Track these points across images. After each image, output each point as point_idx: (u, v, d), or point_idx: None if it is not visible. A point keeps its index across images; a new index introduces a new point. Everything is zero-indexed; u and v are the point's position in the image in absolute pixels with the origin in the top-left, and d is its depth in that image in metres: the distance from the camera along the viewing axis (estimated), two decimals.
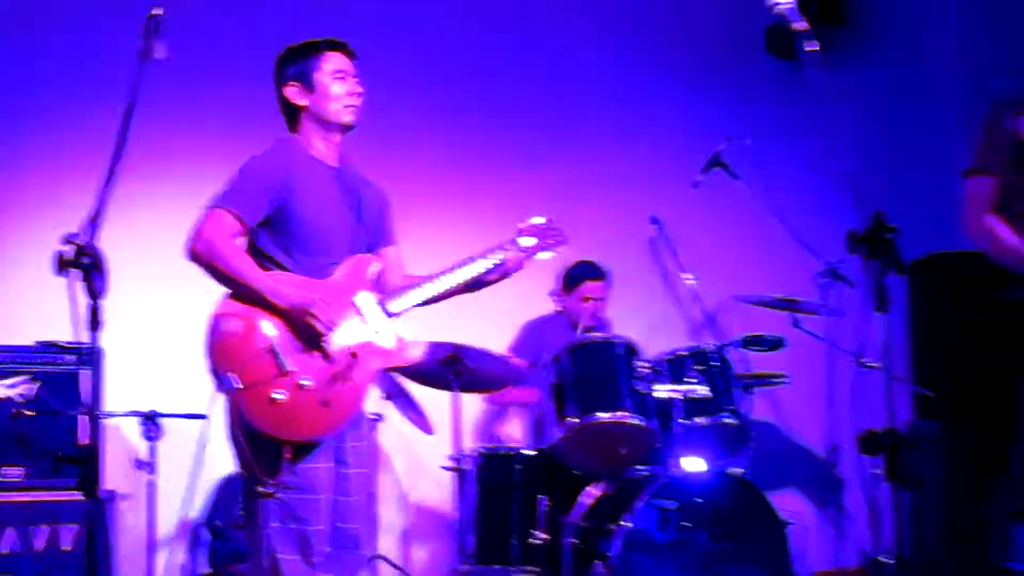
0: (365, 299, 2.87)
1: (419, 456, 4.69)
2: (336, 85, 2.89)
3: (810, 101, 2.35)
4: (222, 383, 2.64)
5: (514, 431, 4.89)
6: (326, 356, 2.74)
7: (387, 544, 4.62)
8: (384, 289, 2.98)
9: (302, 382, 2.67)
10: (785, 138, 4.90)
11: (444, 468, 4.27)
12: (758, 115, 5.19)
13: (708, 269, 4.99)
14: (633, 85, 5.43)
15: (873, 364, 3.39)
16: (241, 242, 2.81)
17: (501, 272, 3.06)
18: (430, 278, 2.97)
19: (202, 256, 2.71)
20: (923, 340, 5.24)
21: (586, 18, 5.43)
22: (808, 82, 2.34)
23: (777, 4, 2.45)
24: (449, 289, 3.01)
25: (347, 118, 2.90)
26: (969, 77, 5.49)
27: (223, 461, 4.20)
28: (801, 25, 2.40)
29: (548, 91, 5.32)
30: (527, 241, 3.10)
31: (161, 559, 4.18)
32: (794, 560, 3.85)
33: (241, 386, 2.61)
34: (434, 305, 3.06)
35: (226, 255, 2.71)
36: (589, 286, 4.62)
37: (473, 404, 4.58)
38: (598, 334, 4.26)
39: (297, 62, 2.91)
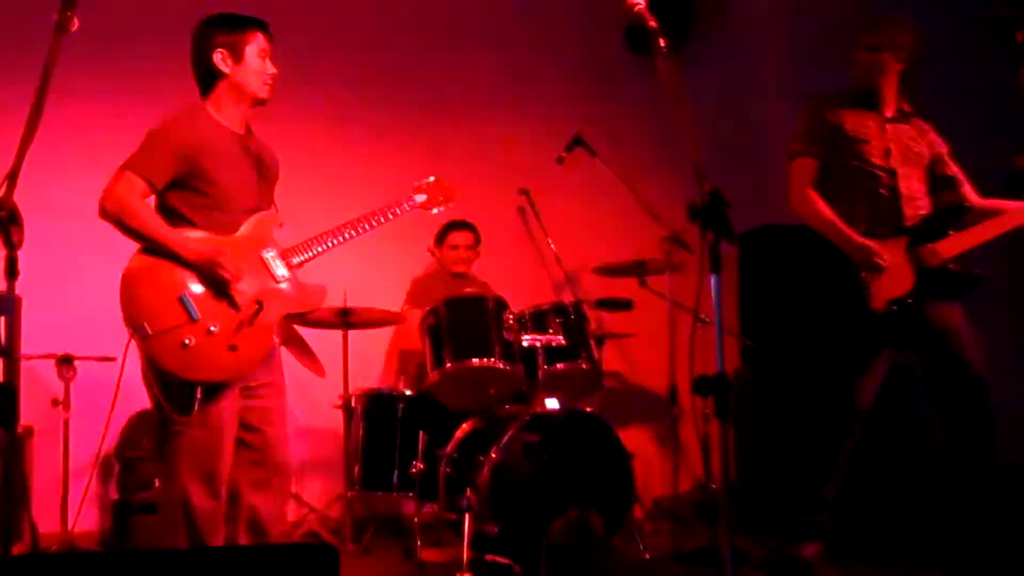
0: (270, 252, 2.87)
1: (312, 396, 4.70)
2: (259, 62, 2.87)
3: (660, 90, 2.43)
4: (135, 331, 2.62)
5: (397, 374, 4.95)
6: (233, 304, 2.73)
7: None
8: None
9: (211, 328, 2.67)
10: (638, 122, 4.99)
11: (334, 407, 4.32)
12: (616, 102, 5.27)
13: (569, 234, 5.07)
14: (510, 73, 5.43)
15: (707, 319, 3.53)
16: (151, 201, 2.77)
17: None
18: (333, 233, 2.97)
19: (112, 214, 2.69)
20: (749, 299, 5.48)
21: (471, 13, 5.41)
22: (659, 74, 2.36)
23: (635, 5, 2.52)
24: (347, 240, 3.01)
25: (263, 93, 2.90)
26: (792, 74, 5.74)
27: (133, 399, 4.18)
28: (654, 25, 2.44)
29: (438, 76, 5.30)
30: (420, 197, 3.16)
31: (75, 489, 4.12)
32: (637, 486, 3.99)
33: (152, 333, 2.61)
34: (332, 258, 3.06)
35: (135, 213, 2.69)
36: (454, 236, 4.71)
37: (361, 350, 4.60)
38: (472, 290, 4.31)
39: (229, 32, 2.85)
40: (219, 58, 2.84)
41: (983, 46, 3.32)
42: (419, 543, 4.00)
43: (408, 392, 4.25)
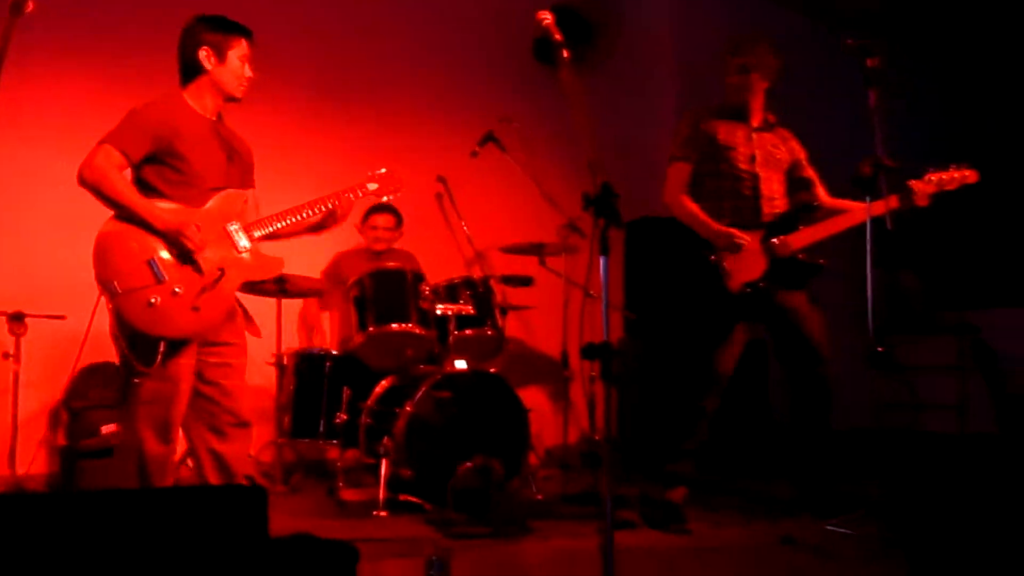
0: (233, 225, 2.82)
1: (248, 354, 4.58)
2: (239, 66, 2.85)
3: (563, 95, 2.42)
4: (105, 288, 2.59)
5: (324, 335, 4.88)
6: (198, 270, 2.70)
7: None
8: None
9: (175, 290, 2.64)
10: (543, 122, 4.99)
11: (268, 363, 4.23)
12: (524, 103, 5.27)
13: (479, 218, 5.04)
14: (431, 76, 5.39)
15: (596, 295, 3.55)
16: (127, 173, 2.72)
17: (332, 220, 3.05)
18: (292, 211, 2.93)
19: (90, 182, 2.64)
20: (633, 279, 5.55)
21: (397, 19, 5.34)
22: (562, 81, 2.36)
23: (543, 20, 2.50)
24: (304, 220, 2.97)
25: (238, 93, 2.88)
26: (677, 83, 5.81)
27: (81, 354, 4.01)
28: (559, 38, 2.44)
29: (370, 76, 5.22)
30: (372, 185, 3.10)
31: (24, 437, 3.93)
32: (532, 437, 3.98)
33: (121, 291, 2.58)
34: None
35: (111, 182, 2.64)
36: (376, 218, 4.67)
37: (293, 312, 4.51)
38: (393, 263, 4.27)
39: (216, 33, 2.81)
40: (203, 55, 2.81)
41: (844, 70, 3.40)
42: (341, 485, 3.98)
43: (334, 352, 4.18)
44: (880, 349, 3.05)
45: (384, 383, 3.99)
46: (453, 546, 2.88)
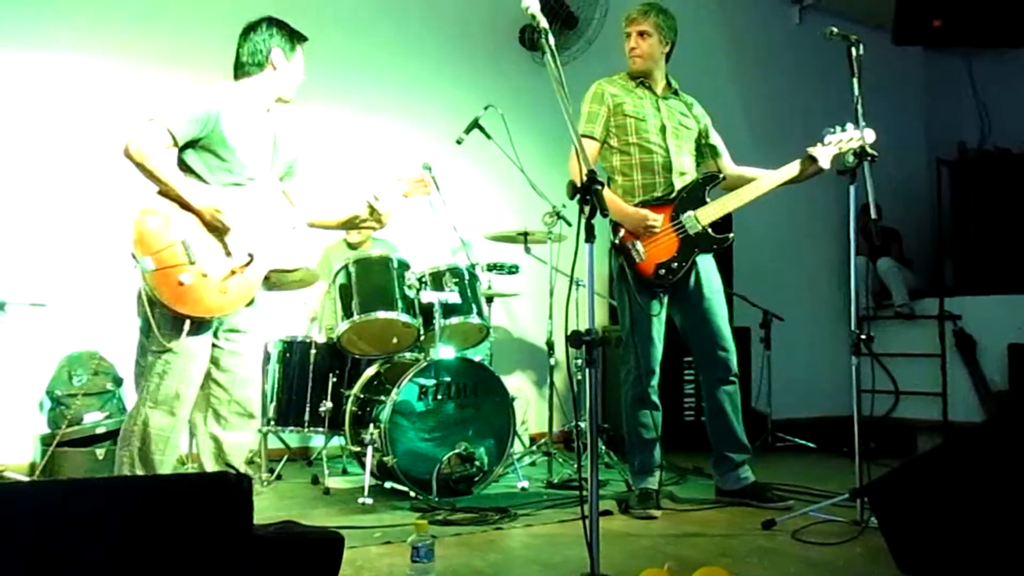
0: (268, 214, 2.88)
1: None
2: (300, 70, 3.00)
3: (548, 81, 2.41)
4: (140, 263, 2.63)
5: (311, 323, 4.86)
6: (228, 253, 2.76)
7: None
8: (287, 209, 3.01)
9: (205, 271, 2.69)
10: (528, 109, 5.00)
11: None
12: (510, 90, 5.29)
13: (466, 206, 5.06)
14: (417, 63, 5.39)
15: (582, 282, 3.55)
16: (171, 151, 2.75)
17: (376, 220, 3.12)
18: (326, 206, 3.05)
19: (135, 156, 2.66)
20: None
21: (382, 6, 5.34)
22: (547, 66, 2.35)
23: (528, 8, 2.49)
24: (336, 219, 3.11)
25: (291, 95, 3.01)
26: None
27: (64, 341, 3.98)
28: (544, 25, 2.43)
29: (354, 62, 5.20)
30: (400, 188, 3.17)
31: (6, 424, 3.91)
32: (518, 424, 3.98)
33: (154, 268, 2.62)
34: None
35: (154, 157, 2.67)
36: None
37: (278, 302, 4.48)
38: (378, 251, 4.24)
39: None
40: (276, 55, 2.92)
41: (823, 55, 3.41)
42: (327, 472, 3.96)
43: (320, 340, 4.17)
44: (862, 336, 3.07)
45: (369, 371, 3.99)
46: (438, 533, 2.89)
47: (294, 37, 2.99)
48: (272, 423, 4.10)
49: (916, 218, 7.15)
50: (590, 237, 2.20)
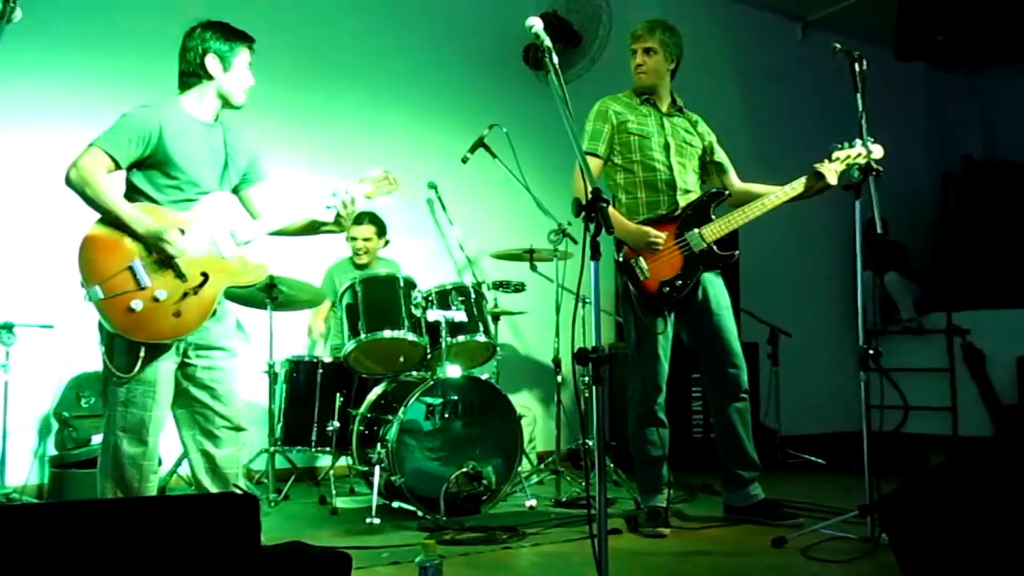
0: (220, 230, 2.80)
1: (241, 362, 4.57)
2: (246, 74, 2.85)
3: (552, 100, 2.42)
4: (89, 293, 2.56)
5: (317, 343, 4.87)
6: (180, 275, 2.68)
7: None
8: (251, 217, 2.94)
9: (157, 295, 2.61)
10: (533, 128, 5.01)
11: (261, 372, 4.21)
12: (515, 109, 5.30)
13: (471, 224, 5.07)
14: (422, 83, 5.42)
15: (588, 300, 3.53)
16: (113, 175, 2.68)
17: (336, 222, 2.98)
18: (277, 220, 2.92)
19: (75, 183, 2.61)
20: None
21: (388, 28, 5.38)
22: (551, 86, 2.36)
23: (532, 27, 2.50)
24: (292, 226, 2.97)
25: (242, 99, 2.87)
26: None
27: (71, 363, 3.99)
28: (548, 44, 2.44)
29: (356, 84, 5.24)
30: (363, 189, 3.01)
31: (15, 446, 3.92)
32: (525, 442, 3.98)
33: (104, 296, 2.55)
34: (262, 243, 2.98)
35: (95, 184, 2.60)
36: (355, 229, 4.64)
37: (285, 321, 4.49)
38: (384, 271, 4.26)
39: (223, 41, 2.80)
40: (210, 62, 2.78)
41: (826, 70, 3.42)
42: (334, 492, 3.95)
43: (326, 359, 4.18)
44: (870, 351, 3.06)
45: (376, 390, 3.98)
46: (446, 553, 2.88)
47: (233, 38, 2.82)
48: (279, 443, 4.10)
49: (922, 232, 7.14)
50: (595, 255, 2.19)
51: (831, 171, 3.34)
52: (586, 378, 4.17)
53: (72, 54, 4.44)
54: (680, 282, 3.35)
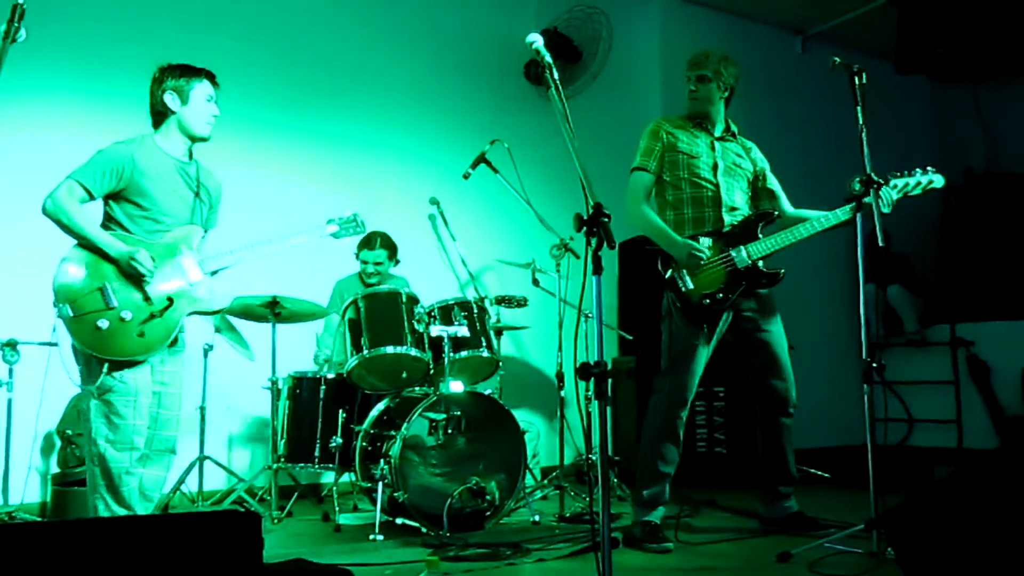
0: (188, 258, 2.97)
1: (244, 378, 4.57)
2: (204, 105, 3.00)
3: (552, 115, 2.43)
4: (60, 311, 2.76)
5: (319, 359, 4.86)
6: (147, 298, 2.85)
7: (216, 448, 4.49)
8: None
9: (123, 316, 2.79)
10: (535, 143, 5.03)
11: (264, 388, 4.21)
12: (516, 125, 5.32)
13: (473, 240, 5.07)
14: (424, 99, 5.45)
15: (590, 314, 3.53)
16: (88, 205, 2.87)
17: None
18: (247, 249, 3.08)
19: (51, 212, 2.83)
20: (626, 298, 5.55)
21: (390, 44, 5.40)
22: (551, 101, 2.38)
23: (533, 43, 2.52)
24: (258, 256, 3.11)
25: (204, 131, 3.03)
26: (666, 100, 5.87)
27: (74, 380, 3.97)
28: (548, 60, 2.46)
29: (359, 101, 5.27)
30: (331, 228, 3.31)
31: (17, 464, 3.92)
32: (529, 457, 3.99)
33: (73, 315, 2.75)
34: (266, 261, 3.20)
35: (69, 212, 2.81)
36: (366, 254, 4.65)
37: (288, 338, 4.49)
38: (387, 286, 4.27)
39: (179, 77, 2.98)
40: (169, 99, 2.97)
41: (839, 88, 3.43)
42: (337, 509, 3.94)
43: (329, 375, 4.17)
44: (874, 364, 3.05)
45: (379, 406, 3.97)
46: (450, 569, 2.86)
47: (188, 74, 3.00)
48: (282, 459, 4.09)
49: (925, 244, 7.13)
50: (597, 269, 2.19)
51: (886, 199, 3.30)
52: (589, 393, 4.16)
53: (78, 76, 4.47)
54: (721, 295, 3.36)
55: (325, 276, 4.78)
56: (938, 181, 3.36)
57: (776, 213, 3.54)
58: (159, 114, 3.00)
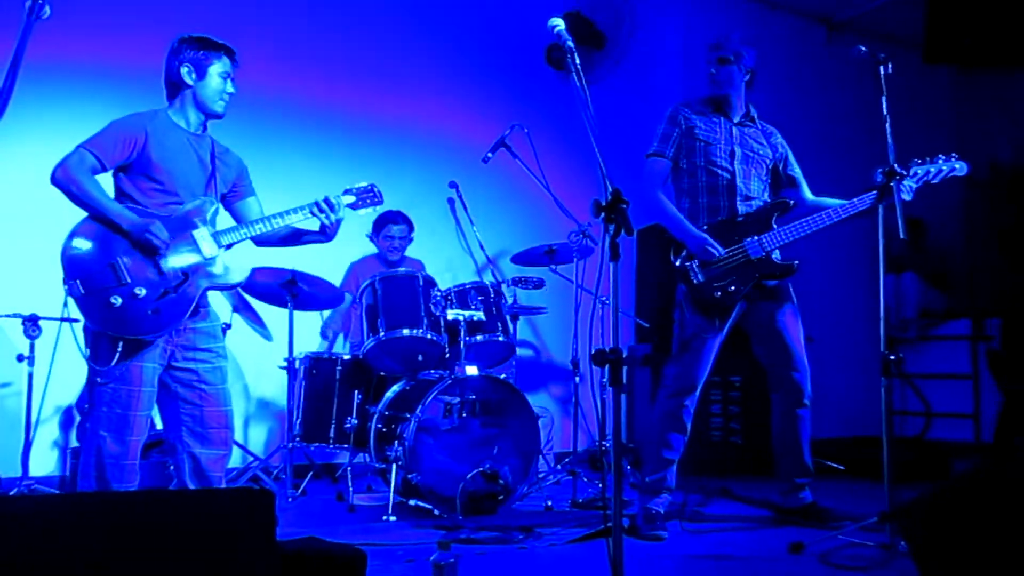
0: (202, 232, 2.84)
1: (260, 358, 4.59)
2: (220, 81, 2.91)
3: (573, 100, 2.41)
4: (70, 288, 2.63)
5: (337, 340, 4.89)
6: (161, 273, 2.74)
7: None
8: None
9: (137, 292, 2.67)
10: (555, 128, 5.01)
11: (280, 368, 4.23)
12: (537, 108, 5.30)
13: (491, 224, 5.06)
14: (444, 82, 5.43)
15: (606, 301, 3.51)
16: (103, 177, 2.78)
17: (321, 231, 3.03)
18: (259, 220, 2.96)
19: (61, 181, 2.71)
20: (643, 285, 5.53)
21: (411, 27, 5.38)
22: (573, 86, 2.34)
23: (555, 27, 2.50)
24: (274, 231, 2.98)
25: (218, 108, 2.94)
26: (688, 88, 5.80)
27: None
28: (570, 44, 2.43)
29: (379, 83, 5.25)
30: (347, 199, 3.07)
31: (38, 437, 3.97)
32: (542, 442, 4.00)
33: (83, 292, 2.62)
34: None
35: (80, 182, 2.69)
36: (390, 228, 4.67)
37: (304, 318, 4.51)
38: (403, 269, 4.26)
39: (199, 51, 2.89)
40: (185, 71, 2.88)
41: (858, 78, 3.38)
42: (351, 489, 3.96)
43: (345, 356, 4.19)
44: (892, 357, 3.02)
45: (394, 388, 3.98)
46: (462, 552, 2.87)
47: (208, 48, 2.90)
48: (298, 439, 4.12)
49: (948, 237, 7.05)
50: (615, 255, 2.17)
51: (906, 186, 3.27)
52: (604, 379, 4.15)
53: (96, 48, 4.49)
54: (733, 288, 3.33)
55: (339, 259, 4.78)
56: (961, 169, 3.31)
57: (792, 203, 3.49)
58: (173, 85, 2.90)
